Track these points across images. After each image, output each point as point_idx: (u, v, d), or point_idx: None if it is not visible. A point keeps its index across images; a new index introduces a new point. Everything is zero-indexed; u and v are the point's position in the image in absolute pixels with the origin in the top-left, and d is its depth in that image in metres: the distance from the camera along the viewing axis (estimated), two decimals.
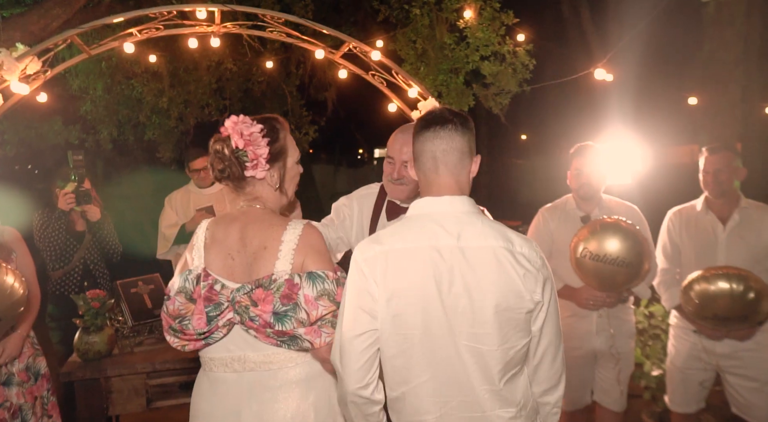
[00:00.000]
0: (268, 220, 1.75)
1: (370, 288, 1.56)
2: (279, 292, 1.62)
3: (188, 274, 1.70)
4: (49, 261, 3.69)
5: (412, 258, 1.55)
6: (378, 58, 3.91)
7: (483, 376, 1.56)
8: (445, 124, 1.63)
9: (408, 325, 1.55)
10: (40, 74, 3.59)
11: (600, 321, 3.12)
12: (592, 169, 3.16)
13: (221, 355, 1.74)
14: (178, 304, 1.68)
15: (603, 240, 2.86)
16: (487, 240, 1.57)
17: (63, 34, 3.39)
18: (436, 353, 1.56)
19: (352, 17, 8.02)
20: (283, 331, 1.62)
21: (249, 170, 1.73)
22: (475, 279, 1.54)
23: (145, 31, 3.72)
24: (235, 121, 1.73)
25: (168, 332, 1.74)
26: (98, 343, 2.87)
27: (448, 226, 1.58)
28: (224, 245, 1.73)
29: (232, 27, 3.90)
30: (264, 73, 7.20)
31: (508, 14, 6.08)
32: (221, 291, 1.67)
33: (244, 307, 1.64)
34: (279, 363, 1.70)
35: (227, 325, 1.69)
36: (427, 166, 1.65)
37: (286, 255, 1.67)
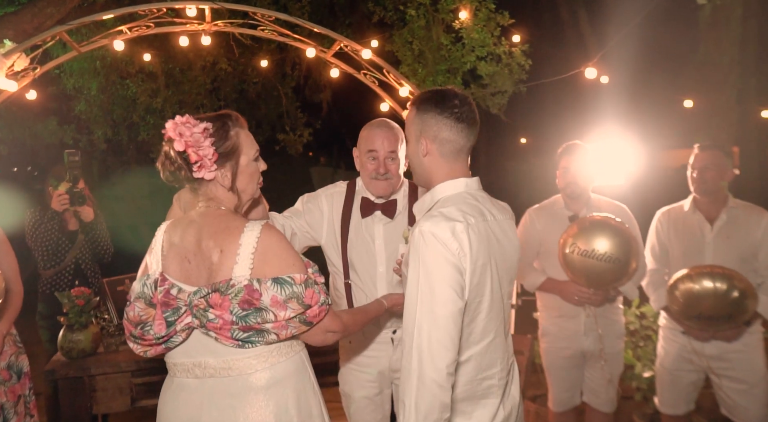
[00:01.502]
0: (225, 222, 1.68)
1: (459, 263, 1.63)
2: (237, 298, 1.57)
3: (146, 279, 1.66)
4: (40, 260, 3.67)
5: (480, 232, 1.69)
6: (369, 57, 3.90)
7: (507, 324, 1.87)
8: (465, 105, 1.76)
9: (481, 293, 1.69)
10: (29, 71, 3.59)
11: (588, 321, 3.10)
12: (579, 168, 3.14)
13: (182, 360, 1.69)
14: (138, 310, 1.64)
15: (592, 236, 2.84)
16: (503, 214, 1.85)
17: (51, 30, 3.38)
18: (496, 312, 1.76)
19: (348, 19, 8.02)
20: (250, 326, 1.59)
21: (197, 172, 1.66)
22: (509, 248, 1.82)
23: (136, 28, 3.72)
24: (176, 122, 1.65)
25: (129, 339, 1.70)
26: (82, 341, 2.85)
27: (483, 204, 1.78)
28: (181, 248, 1.68)
29: (223, 25, 3.89)
30: (259, 74, 7.20)
31: (503, 15, 6.08)
32: (178, 295, 1.63)
33: (202, 310, 1.60)
34: (239, 369, 1.65)
35: (186, 330, 1.64)
36: (446, 150, 1.77)
37: (245, 259, 1.61)
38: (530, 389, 4.43)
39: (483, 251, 1.68)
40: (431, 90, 1.81)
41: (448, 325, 1.60)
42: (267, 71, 7.04)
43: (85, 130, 7.39)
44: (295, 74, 7.60)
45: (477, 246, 1.66)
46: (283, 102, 7.59)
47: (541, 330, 3.32)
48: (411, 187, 2.52)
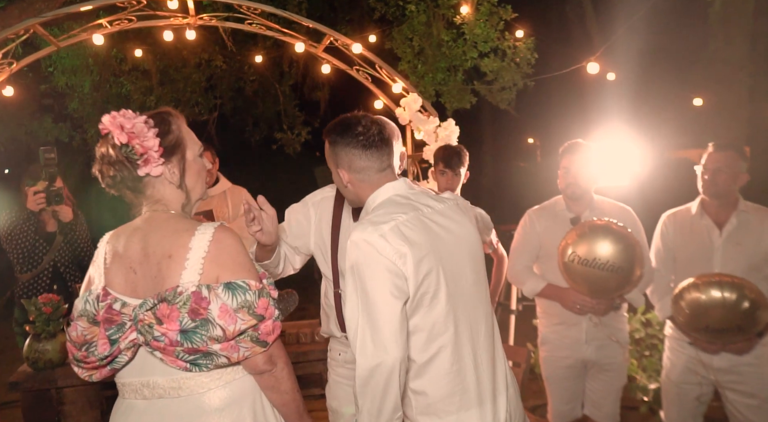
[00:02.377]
0: (173, 225, 1.54)
1: (395, 259, 1.63)
2: (186, 307, 1.41)
3: (88, 295, 1.50)
4: (16, 263, 3.51)
5: (416, 225, 1.69)
6: (359, 52, 3.73)
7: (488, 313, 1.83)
8: (381, 135, 1.82)
9: (435, 282, 1.67)
10: (5, 67, 3.45)
11: (590, 329, 2.93)
12: (581, 168, 2.96)
13: (130, 380, 1.55)
14: (81, 329, 1.48)
15: (592, 243, 2.67)
16: (442, 203, 1.83)
17: (24, 22, 3.23)
18: (459, 300, 1.72)
19: (348, 15, 7.87)
20: (195, 349, 1.42)
21: (142, 168, 1.52)
22: (461, 232, 1.79)
23: (117, 22, 3.57)
24: (113, 115, 1.52)
25: (72, 362, 1.54)
26: (50, 351, 2.70)
27: (416, 199, 1.79)
28: (125, 258, 1.53)
29: (208, 19, 3.74)
30: (256, 72, 7.05)
31: (506, 9, 5.90)
32: (122, 310, 1.47)
33: (148, 326, 1.43)
34: (189, 389, 1.50)
35: (131, 347, 1.49)
36: (372, 177, 1.82)
37: (195, 264, 1.46)
38: (530, 399, 4.26)
39: (423, 242, 1.68)
40: (336, 120, 1.84)
41: (390, 324, 1.61)
42: (264, 69, 6.90)
43: (80, 128, 7.27)
44: (292, 72, 7.45)
45: (414, 238, 1.66)
46: (281, 100, 7.44)
47: (541, 338, 3.16)
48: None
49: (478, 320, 1.76)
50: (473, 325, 1.75)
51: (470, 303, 1.75)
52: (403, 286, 1.63)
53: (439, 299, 1.67)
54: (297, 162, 10.53)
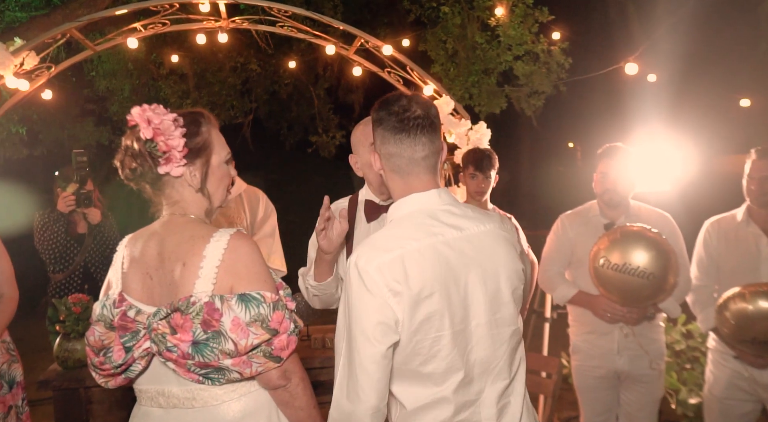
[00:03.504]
0: (190, 231, 1.49)
1: (387, 299, 1.41)
2: (198, 317, 1.37)
3: (106, 300, 1.49)
4: (48, 263, 3.59)
5: (427, 257, 1.44)
6: (389, 53, 3.69)
7: (506, 355, 1.56)
8: (417, 120, 1.51)
9: (436, 328, 1.45)
10: (43, 70, 3.53)
11: (622, 339, 2.81)
12: (619, 173, 2.85)
13: (147, 387, 1.53)
14: (99, 334, 1.47)
15: (625, 249, 2.57)
16: (483, 225, 1.55)
17: (61, 27, 3.30)
18: (466, 348, 1.50)
19: (384, 18, 7.85)
20: (206, 363, 1.38)
21: (162, 166, 1.48)
22: (487, 265, 1.51)
23: (150, 26, 3.61)
24: (144, 108, 1.48)
25: (90, 368, 1.53)
26: (79, 351, 2.71)
27: (444, 218, 1.51)
28: (142, 263, 1.50)
29: (240, 22, 3.76)
30: (290, 76, 7.09)
31: (542, 11, 5.78)
32: (136, 318, 1.44)
33: (161, 335, 1.40)
34: (203, 400, 1.46)
35: (145, 356, 1.46)
36: (403, 168, 1.54)
37: (208, 273, 1.41)
38: (565, 409, 4.14)
39: (430, 279, 1.43)
40: (384, 96, 1.57)
41: (367, 368, 1.40)
42: (299, 72, 6.93)
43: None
44: (327, 75, 7.46)
45: (418, 275, 1.42)
46: (315, 103, 7.47)
47: (572, 347, 3.05)
48: None
49: (491, 368, 1.53)
50: (484, 375, 1.53)
51: (487, 348, 1.52)
52: (390, 329, 1.41)
53: (441, 347, 1.46)
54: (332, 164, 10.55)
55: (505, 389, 1.56)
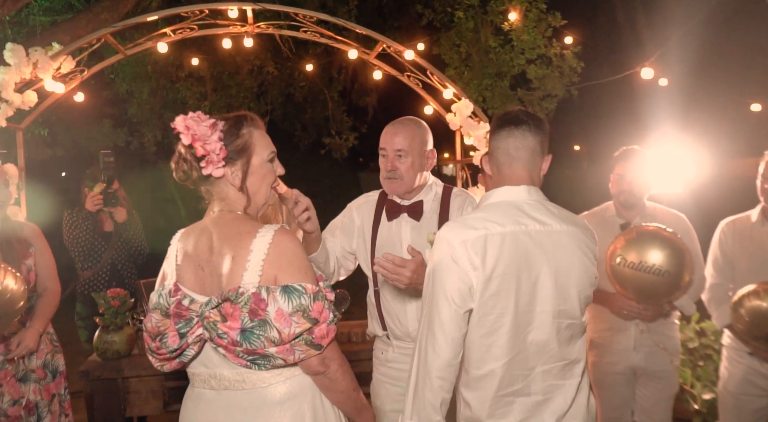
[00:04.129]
0: (237, 227, 1.61)
1: (467, 269, 1.65)
2: (246, 307, 1.48)
3: (162, 290, 1.60)
4: (77, 260, 3.71)
5: (507, 242, 1.67)
6: (411, 58, 3.80)
7: (563, 344, 1.74)
8: (519, 125, 1.77)
9: (502, 305, 1.66)
10: (77, 74, 3.65)
11: (638, 336, 2.89)
12: (636, 176, 2.94)
13: (200, 370, 1.64)
14: (155, 321, 1.58)
15: (641, 247, 2.64)
16: (566, 225, 1.75)
17: (97, 32, 3.42)
18: (526, 329, 1.69)
19: (397, 22, 7.95)
20: (253, 350, 1.49)
21: (204, 168, 1.60)
22: (561, 261, 1.71)
23: (179, 30, 3.73)
24: (184, 117, 1.61)
25: (147, 352, 1.65)
26: (117, 343, 2.84)
27: (530, 212, 1.72)
28: (194, 256, 1.62)
29: (265, 27, 3.87)
30: (305, 78, 7.21)
31: (555, 16, 5.87)
32: (190, 306, 1.55)
33: (213, 323, 1.51)
34: (252, 382, 1.58)
35: (198, 342, 1.58)
36: (500, 161, 1.79)
37: (255, 266, 1.53)
38: None
39: (505, 262, 1.65)
40: None
41: (445, 326, 1.66)
42: (313, 75, 7.04)
43: (137, 133, 7.58)
44: (341, 78, 7.58)
45: (495, 255, 1.65)
46: (329, 106, 7.58)
47: (589, 343, 3.12)
48: (445, 190, 2.40)
49: (546, 351, 1.71)
50: (538, 355, 1.71)
51: (545, 333, 1.69)
52: (467, 296, 1.65)
53: (503, 323, 1.66)
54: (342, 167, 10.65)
55: (559, 371, 1.74)
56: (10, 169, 3.29)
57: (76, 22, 5.40)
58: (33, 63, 3.20)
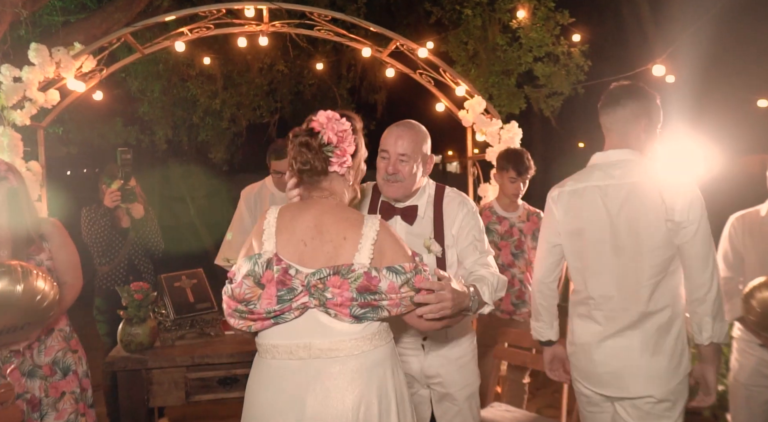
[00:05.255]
0: (345, 212, 1.79)
1: (556, 215, 2.29)
2: (356, 283, 1.65)
3: (258, 258, 1.68)
4: (96, 256, 3.78)
5: (584, 195, 2.23)
6: (425, 56, 3.85)
7: (644, 278, 2.17)
8: (614, 104, 2.23)
9: (586, 242, 2.22)
10: (96, 72, 3.72)
11: None
12: None
13: (285, 342, 1.72)
14: (245, 288, 1.67)
15: None
16: (638, 177, 2.14)
17: (117, 32, 3.49)
18: (612, 261, 2.19)
19: (405, 20, 7.99)
20: (367, 302, 1.67)
21: (333, 166, 1.77)
22: (633, 207, 2.13)
23: (196, 30, 3.79)
24: (329, 117, 1.76)
25: (232, 315, 1.72)
26: (140, 335, 2.90)
27: (610, 170, 2.19)
28: (296, 232, 1.75)
29: (280, 26, 3.93)
30: (315, 76, 7.26)
31: (563, 14, 5.90)
32: (296, 276, 1.68)
33: (321, 290, 1.67)
34: (346, 350, 1.70)
35: (301, 308, 1.70)
36: (605, 130, 2.30)
37: (367, 248, 1.71)
38: None
39: (585, 209, 2.21)
40: None
41: (542, 254, 2.41)
42: (323, 73, 7.09)
43: (148, 131, 7.64)
44: (350, 76, 7.61)
45: (577, 205, 2.24)
46: (339, 103, 7.62)
47: None
48: (437, 193, 2.42)
49: (628, 284, 2.18)
50: (622, 288, 2.19)
51: (626, 271, 2.17)
52: (555, 234, 2.32)
53: (587, 258, 2.24)
54: None
55: (647, 299, 2.16)
56: (34, 166, 3.36)
57: (90, 22, 5.46)
58: (56, 62, 3.27)
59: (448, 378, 2.44)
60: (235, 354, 2.92)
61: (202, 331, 3.20)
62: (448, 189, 2.44)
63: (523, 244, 3.49)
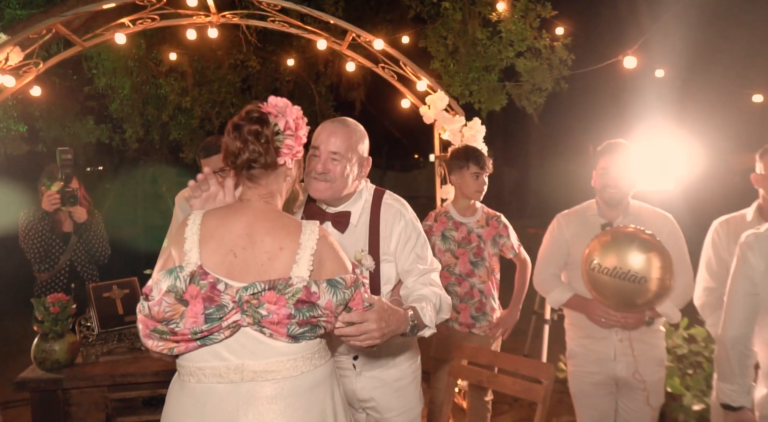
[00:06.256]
0: (280, 219, 1.61)
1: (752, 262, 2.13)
2: (294, 298, 1.48)
3: (179, 271, 1.47)
4: (33, 262, 3.54)
5: None
6: (381, 48, 3.60)
7: None
8: None
9: None
10: (31, 67, 3.47)
11: (619, 344, 2.70)
12: (621, 170, 2.73)
13: (213, 364, 1.53)
14: (165, 305, 1.45)
15: (616, 252, 2.45)
16: None
17: (45, 22, 3.24)
18: None
19: (388, 15, 7.75)
20: (306, 320, 1.51)
21: (283, 157, 1.59)
22: None
23: (139, 21, 3.55)
24: (285, 102, 1.61)
25: (150, 336, 1.50)
26: (57, 352, 2.66)
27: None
28: (224, 240, 1.55)
29: (230, 17, 3.68)
30: (291, 73, 7.02)
31: (544, 6, 5.65)
32: (225, 291, 1.49)
33: (254, 307, 1.48)
34: (284, 371, 1.54)
35: (232, 327, 1.51)
36: None
37: (305, 260, 1.54)
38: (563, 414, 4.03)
39: None
40: None
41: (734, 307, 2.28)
42: (299, 69, 6.86)
43: (119, 129, 7.41)
44: (328, 72, 7.36)
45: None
46: (317, 101, 7.38)
47: (568, 351, 2.95)
48: (375, 197, 2.16)
49: None
50: None
51: None
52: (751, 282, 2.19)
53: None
54: None
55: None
56: None
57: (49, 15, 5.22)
58: None
59: (382, 402, 2.19)
60: (161, 372, 2.67)
61: (132, 346, 2.95)
62: (387, 194, 2.19)
63: (482, 251, 3.23)
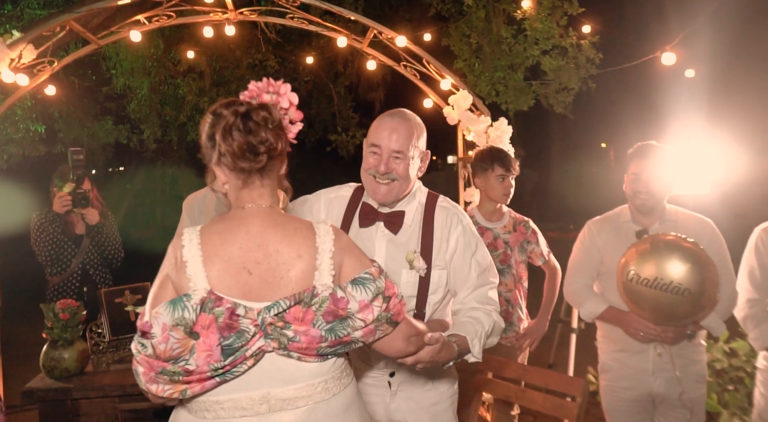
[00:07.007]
0: (290, 222, 1.43)
1: None
2: (321, 309, 1.33)
3: (186, 300, 1.27)
4: (45, 265, 3.45)
5: None
6: (403, 45, 3.46)
7: None
8: None
9: None
10: (46, 65, 3.40)
11: (658, 359, 2.52)
12: (654, 174, 2.56)
13: (234, 396, 1.35)
14: (173, 341, 1.25)
15: (656, 261, 2.28)
16: None
17: (58, 19, 3.15)
18: None
19: (407, 14, 7.61)
20: (339, 340, 1.35)
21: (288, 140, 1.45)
22: None
23: (155, 18, 3.45)
24: (265, 80, 1.45)
25: (156, 380, 1.29)
26: (67, 360, 2.56)
27: None
28: (234, 257, 1.36)
29: (248, 13, 3.57)
30: (310, 73, 6.91)
31: (571, 3, 5.46)
32: (245, 316, 1.31)
33: (280, 329, 1.32)
34: (316, 396, 1.39)
35: (255, 355, 1.34)
36: None
37: (326, 265, 1.38)
38: None
39: None
40: None
41: None
42: (318, 69, 6.75)
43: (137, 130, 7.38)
44: (347, 72, 7.24)
45: None
46: (335, 101, 7.26)
47: (601, 365, 2.77)
48: (429, 199, 2.02)
49: None
50: None
51: None
52: None
53: None
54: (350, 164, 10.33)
55: None
56: None
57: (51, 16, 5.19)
58: None
59: None
60: None
61: None
62: (442, 198, 2.04)
63: (509, 258, 3.07)
